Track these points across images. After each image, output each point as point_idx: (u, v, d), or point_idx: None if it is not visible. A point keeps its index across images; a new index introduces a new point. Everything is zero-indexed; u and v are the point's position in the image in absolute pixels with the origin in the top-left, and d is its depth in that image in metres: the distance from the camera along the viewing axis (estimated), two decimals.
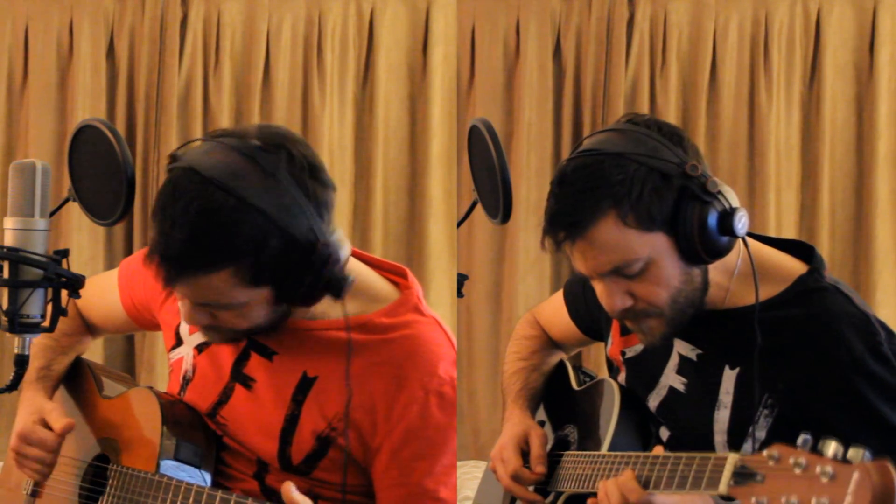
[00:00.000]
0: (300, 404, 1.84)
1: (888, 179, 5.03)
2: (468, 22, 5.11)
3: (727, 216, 1.74)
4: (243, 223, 1.67)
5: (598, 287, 1.79)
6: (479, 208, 2.36)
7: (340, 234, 1.76)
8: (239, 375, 1.90)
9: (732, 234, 1.75)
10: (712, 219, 1.73)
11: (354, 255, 1.93)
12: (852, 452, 1.36)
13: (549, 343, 2.27)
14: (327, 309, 1.83)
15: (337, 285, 1.75)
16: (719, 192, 1.74)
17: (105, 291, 2.16)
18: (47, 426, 2.00)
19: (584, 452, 1.96)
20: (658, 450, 1.69)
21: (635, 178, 1.72)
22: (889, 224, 5.03)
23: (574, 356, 2.35)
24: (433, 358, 1.83)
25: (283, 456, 1.85)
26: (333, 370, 1.82)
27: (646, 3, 5.06)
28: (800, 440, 1.40)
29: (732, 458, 1.50)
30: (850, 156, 5.09)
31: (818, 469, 1.36)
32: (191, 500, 1.77)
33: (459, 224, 2.95)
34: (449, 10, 5.06)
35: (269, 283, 1.73)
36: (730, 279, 1.81)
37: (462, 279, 2.58)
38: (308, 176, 1.73)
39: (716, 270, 1.81)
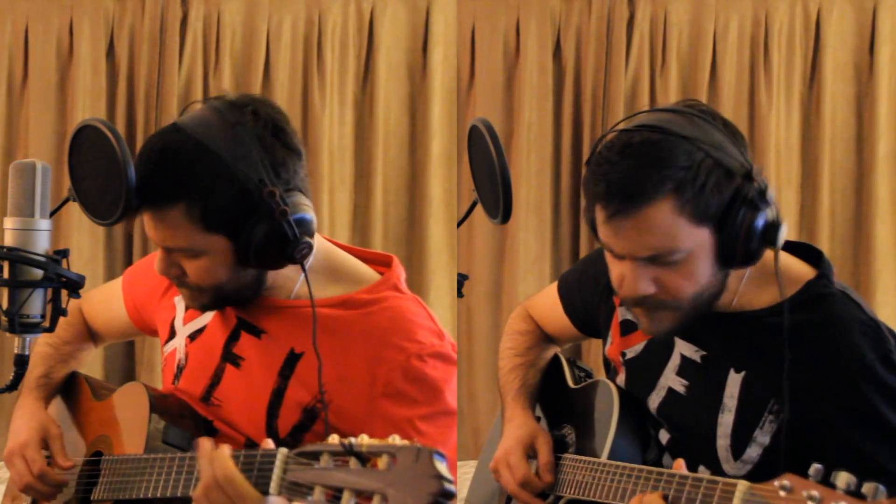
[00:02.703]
0: (287, 378, 1.87)
1: (888, 179, 5.03)
2: (468, 22, 5.11)
3: (774, 227, 1.71)
4: (196, 163, 1.76)
5: (622, 267, 1.74)
6: (479, 208, 2.36)
7: (301, 200, 1.80)
8: (229, 355, 1.93)
9: (772, 246, 1.72)
10: (758, 226, 1.69)
11: (342, 248, 1.98)
12: (866, 487, 1.33)
13: (544, 337, 2.25)
14: (315, 289, 1.86)
15: (290, 245, 1.78)
16: (774, 202, 1.71)
17: (110, 298, 2.21)
18: (47, 444, 2.05)
19: (585, 458, 1.94)
20: (678, 464, 1.66)
21: (702, 167, 1.67)
22: (889, 224, 5.04)
23: (574, 352, 2.33)
24: (411, 326, 1.86)
25: (270, 429, 1.87)
26: (319, 346, 1.84)
27: (646, 3, 5.06)
28: (812, 470, 1.38)
29: (742, 486, 1.47)
30: (850, 156, 5.09)
31: None
32: (174, 468, 1.80)
33: (459, 224, 2.95)
34: (449, 10, 5.06)
35: (222, 231, 1.78)
36: (739, 282, 1.79)
37: (462, 279, 2.58)
38: (270, 135, 1.80)
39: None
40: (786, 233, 1.73)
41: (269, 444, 1.63)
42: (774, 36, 5.04)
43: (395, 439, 1.40)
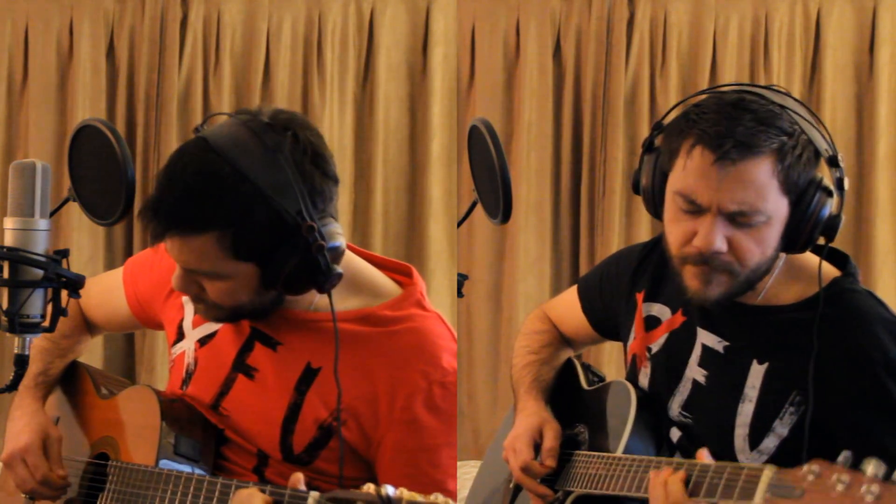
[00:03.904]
0: (303, 394, 1.84)
1: (888, 179, 5.03)
2: (468, 22, 5.12)
3: (835, 219, 1.76)
4: (233, 191, 1.70)
5: (694, 224, 1.75)
6: (479, 208, 2.37)
7: (335, 228, 1.77)
8: (241, 365, 1.90)
9: (829, 236, 1.77)
10: (824, 214, 1.75)
11: (361, 254, 1.95)
12: None
13: (560, 338, 2.26)
14: (334, 301, 1.83)
15: (322, 275, 1.75)
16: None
17: (109, 289, 2.16)
18: (46, 448, 2.02)
19: (598, 453, 1.95)
20: (701, 455, 1.67)
21: (800, 139, 1.72)
22: (889, 224, 5.04)
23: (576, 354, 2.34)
24: (436, 350, 1.84)
25: (285, 445, 1.85)
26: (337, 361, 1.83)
27: (646, 3, 5.06)
28: (841, 457, 1.38)
29: (769, 470, 1.48)
30: (850, 156, 5.09)
31: (863, 488, 1.34)
32: (191, 489, 1.78)
33: (459, 224, 2.96)
34: (449, 10, 5.06)
35: (252, 260, 1.74)
36: (769, 276, 1.82)
37: (462, 279, 2.58)
38: (309, 162, 1.76)
39: None
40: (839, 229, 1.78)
41: (299, 482, 1.58)
42: (774, 36, 5.04)
43: (438, 498, 1.36)
